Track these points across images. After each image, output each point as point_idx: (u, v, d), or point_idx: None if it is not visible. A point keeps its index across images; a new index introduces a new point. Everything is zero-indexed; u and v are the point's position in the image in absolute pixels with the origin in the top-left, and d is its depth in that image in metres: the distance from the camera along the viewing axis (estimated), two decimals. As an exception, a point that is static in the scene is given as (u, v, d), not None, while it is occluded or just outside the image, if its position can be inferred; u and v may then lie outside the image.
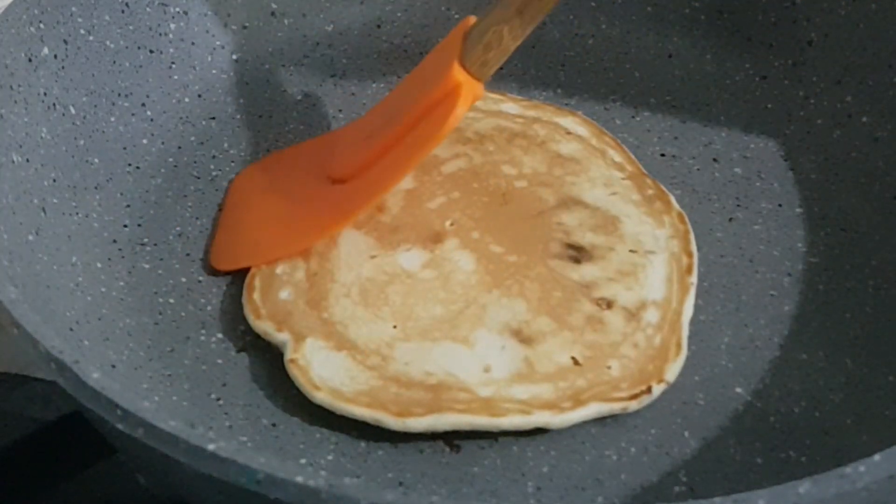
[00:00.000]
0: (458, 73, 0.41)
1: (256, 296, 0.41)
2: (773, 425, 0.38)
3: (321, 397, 0.38)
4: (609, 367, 0.39)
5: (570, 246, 0.43)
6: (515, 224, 0.44)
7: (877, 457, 0.28)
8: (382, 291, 0.41)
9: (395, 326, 0.40)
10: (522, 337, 0.39)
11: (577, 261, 0.42)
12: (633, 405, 0.38)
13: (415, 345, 0.39)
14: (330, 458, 0.37)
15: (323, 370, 0.38)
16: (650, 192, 0.45)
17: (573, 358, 0.39)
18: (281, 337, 0.40)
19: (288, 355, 0.39)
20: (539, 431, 0.37)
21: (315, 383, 0.38)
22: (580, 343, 0.39)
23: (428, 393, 0.37)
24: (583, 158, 0.47)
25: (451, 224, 0.43)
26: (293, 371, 0.39)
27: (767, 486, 0.27)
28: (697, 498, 0.32)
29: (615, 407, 0.38)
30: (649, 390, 0.38)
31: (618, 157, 0.47)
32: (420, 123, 0.42)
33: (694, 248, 0.43)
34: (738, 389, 0.39)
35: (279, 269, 0.42)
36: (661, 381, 0.38)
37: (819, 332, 0.41)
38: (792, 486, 0.27)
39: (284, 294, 0.41)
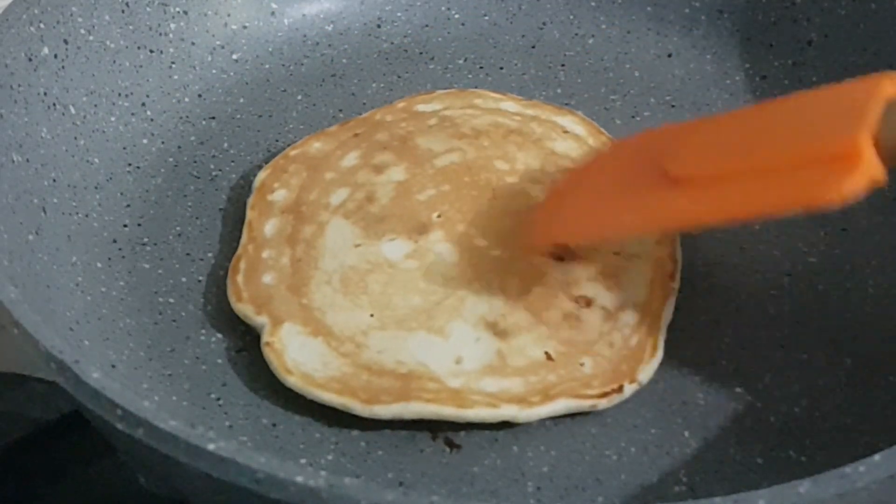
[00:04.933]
0: (864, 143, 0.34)
1: (240, 278, 0.42)
2: (773, 425, 0.38)
3: (292, 381, 0.38)
4: (582, 364, 0.39)
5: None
6: (502, 219, 0.43)
7: (877, 457, 0.28)
8: (363, 280, 0.41)
9: (371, 315, 0.40)
10: (497, 330, 0.39)
11: (560, 258, 0.42)
12: (603, 403, 0.38)
13: (390, 334, 0.39)
14: (330, 458, 0.37)
15: (298, 355, 0.39)
16: None
17: (546, 353, 0.39)
18: (259, 320, 0.40)
19: (264, 338, 0.39)
20: (540, 430, 0.37)
21: (288, 367, 0.38)
22: (555, 339, 0.39)
23: (397, 381, 0.38)
24: (577, 157, 0.46)
25: (438, 216, 0.43)
26: (268, 354, 0.39)
27: (767, 486, 0.27)
28: (697, 498, 0.32)
29: (584, 404, 0.38)
30: (620, 389, 0.38)
31: None
32: (797, 170, 0.35)
33: (679, 254, 0.43)
34: (738, 389, 0.39)
35: (265, 254, 0.42)
36: (633, 381, 0.38)
37: (819, 332, 0.41)
38: (792, 486, 0.27)
39: (267, 278, 0.41)
